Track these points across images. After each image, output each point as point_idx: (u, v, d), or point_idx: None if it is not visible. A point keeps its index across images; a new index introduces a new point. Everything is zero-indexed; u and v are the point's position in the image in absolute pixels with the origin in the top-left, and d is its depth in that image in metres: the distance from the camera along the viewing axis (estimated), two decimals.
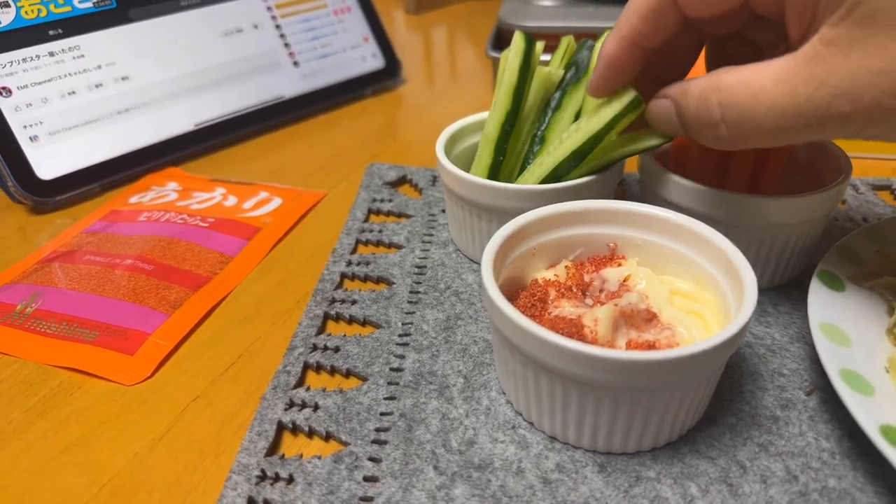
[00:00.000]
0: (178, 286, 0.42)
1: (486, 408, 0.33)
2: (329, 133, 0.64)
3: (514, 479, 0.29)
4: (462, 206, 0.42)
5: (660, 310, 0.32)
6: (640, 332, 0.31)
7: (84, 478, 0.30)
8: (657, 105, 0.35)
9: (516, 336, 0.28)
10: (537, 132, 0.45)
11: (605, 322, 0.30)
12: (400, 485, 0.29)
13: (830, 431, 0.31)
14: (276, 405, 0.33)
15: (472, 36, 0.91)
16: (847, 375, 0.29)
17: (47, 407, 0.34)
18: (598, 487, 0.29)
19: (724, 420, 0.32)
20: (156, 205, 0.51)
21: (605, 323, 0.30)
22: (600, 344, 0.30)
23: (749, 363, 0.35)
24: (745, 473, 0.29)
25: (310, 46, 0.67)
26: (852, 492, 0.28)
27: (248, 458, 0.30)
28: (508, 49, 0.44)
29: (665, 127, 0.35)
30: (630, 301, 0.31)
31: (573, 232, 0.36)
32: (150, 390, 0.35)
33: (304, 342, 0.37)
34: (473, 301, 0.40)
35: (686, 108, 0.32)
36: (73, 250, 0.45)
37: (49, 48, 0.54)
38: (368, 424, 0.32)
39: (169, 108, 0.58)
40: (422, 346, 0.36)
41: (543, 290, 0.33)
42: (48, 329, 0.38)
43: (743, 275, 0.30)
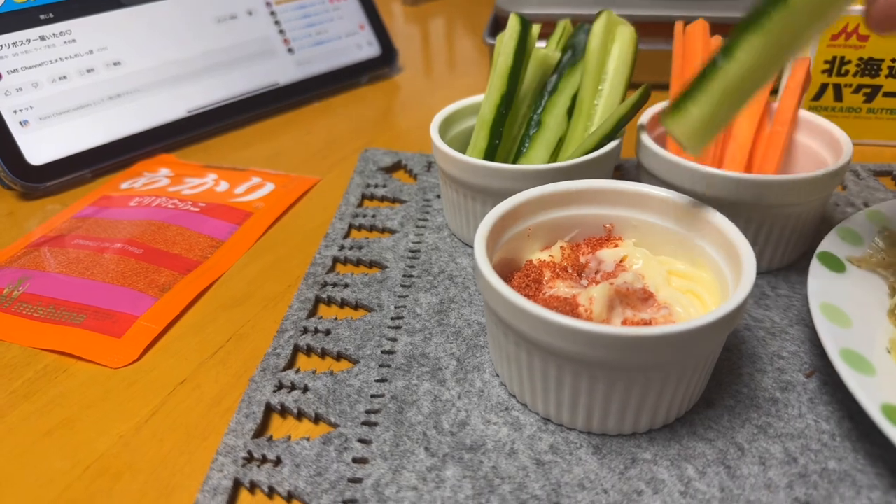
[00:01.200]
0: (168, 270, 0.41)
1: (479, 390, 0.32)
2: (324, 120, 0.63)
3: (506, 460, 0.28)
4: (457, 189, 0.41)
5: (657, 290, 0.31)
6: (637, 312, 0.30)
7: (68, 460, 0.30)
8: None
9: (509, 314, 0.28)
10: (534, 115, 0.44)
11: (600, 301, 0.30)
12: (390, 466, 0.28)
13: (830, 413, 0.30)
14: (265, 387, 0.32)
15: (469, 25, 0.90)
16: (848, 355, 0.29)
17: (31, 390, 0.33)
18: (593, 469, 0.28)
19: (722, 402, 0.31)
20: (147, 190, 0.50)
21: (601, 302, 0.30)
22: (595, 322, 0.29)
23: (748, 346, 0.34)
24: (744, 455, 0.28)
25: (305, 33, 0.67)
26: (853, 473, 0.28)
27: (235, 439, 0.30)
28: (504, 32, 0.44)
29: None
30: (626, 280, 0.30)
31: (569, 212, 0.35)
32: (137, 373, 0.34)
33: (295, 325, 0.36)
34: (468, 285, 0.39)
35: None
36: (63, 235, 0.45)
37: (40, 32, 0.53)
38: (359, 406, 0.31)
39: (161, 95, 0.58)
40: (414, 328, 0.36)
41: (538, 270, 0.33)
42: (34, 312, 0.38)
43: (741, 253, 0.29)
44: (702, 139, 0.30)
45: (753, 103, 0.41)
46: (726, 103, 0.29)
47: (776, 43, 0.27)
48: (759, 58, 0.27)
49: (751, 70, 0.28)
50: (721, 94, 0.28)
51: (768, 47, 0.27)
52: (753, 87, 0.28)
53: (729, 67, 0.28)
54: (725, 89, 0.28)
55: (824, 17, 0.27)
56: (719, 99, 0.28)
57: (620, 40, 0.42)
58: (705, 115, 0.29)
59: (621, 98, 0.42)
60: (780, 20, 0.27)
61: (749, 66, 0.28)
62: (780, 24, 0.27)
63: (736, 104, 0.29)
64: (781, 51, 0.27)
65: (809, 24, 0.27)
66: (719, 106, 0.29)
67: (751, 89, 0.28)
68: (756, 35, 0.27)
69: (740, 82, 0.28)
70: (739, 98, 0.29)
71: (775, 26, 0.27)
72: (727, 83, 0.28)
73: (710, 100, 0.29)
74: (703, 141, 0.30)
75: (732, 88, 0.28)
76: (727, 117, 0.29)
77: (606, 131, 0.39)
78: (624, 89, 0.42)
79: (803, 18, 0.27)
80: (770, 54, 0.27)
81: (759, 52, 0.27)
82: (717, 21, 0.55)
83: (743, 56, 0.28)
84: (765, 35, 0.27)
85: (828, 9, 0.26)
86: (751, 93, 0.29)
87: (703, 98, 0.29)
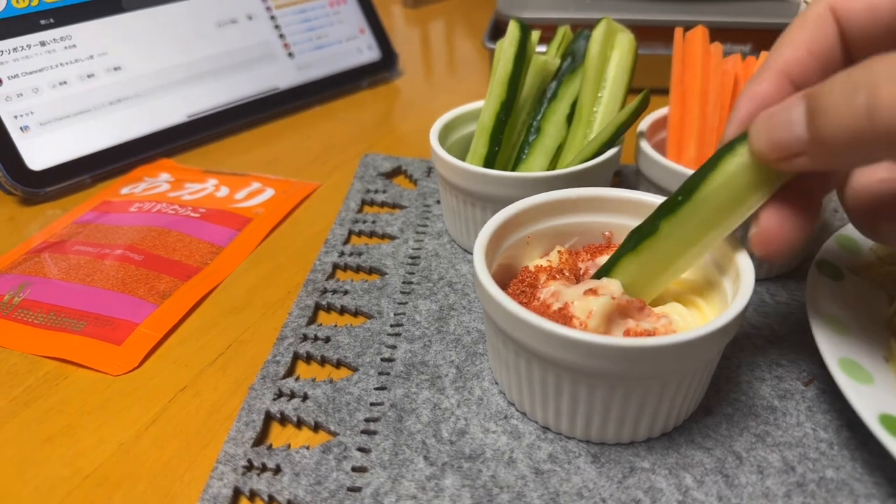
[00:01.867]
0: (168, 276, 0.41)
1: (479, 398, 0.32)
2: (324, 125, 0.63)
3: (505, 469, 0.28)
4: (456, 196, 0.41)
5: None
6: (637, 322, 0.30)
7: (68, 468, 0.30)
8: (771, 111, 0.26)
9: (508, 323, 0.28)
10: (533, 122, 0.44)
11: (598, 315, 0.29)
12: (389, 475, 0.28)
13: (829, 422, 0.30)
14: (265, 395, 0.32)
15: (469, 29, 0.90)
16: (846, 364, 0.29)
17: (32, 397, 0.34)
18: (591, 478, 0.28)
19: (720, 410, 0.31)
20: (147, 196, 0.50)
21: (598, 317, 0.29)
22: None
23: (747, 353, 0.34)
24: (742, 464, 0.28)
25: (305, 38, 0.67)
26: (850, 482, 0.28)
27: (235, 448, 0.30)
28: (504, 38, 0.44)
29: (778, 135, 0.25)
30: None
31: (568, 220, 0.35)
32: (137, 380, 0.34)
33: (295, 332, 0.36)
34: (467, 291, 0.39)
35: (827, 96, 0.23)
36: (63, 241, 0.45)
37: (40, 37, 0.53)
38: (358, 415, 0.31)
39: (162, 99, 0.58)
40: (414, 336, 0.36)
41: (534, 275, 0.33)
42: (35, 319, 0.38)
43: (740, 262, 0.30)
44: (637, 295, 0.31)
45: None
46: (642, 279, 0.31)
47: (649, 267, 0.30)
48: (636, 278, 0.31)
49: (629, 289, 0.31)
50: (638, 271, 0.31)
51: (642, 270, 0.30)
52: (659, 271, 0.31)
53: (646, 245, 0.30)
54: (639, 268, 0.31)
55: (697, 247, 0.29)
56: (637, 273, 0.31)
57: (620, 47, 0.42)
58: (626, 284, 0.31)
59: (621, 105, 0.42)
60: (652, 247, 0.30)
61: (627, 285, 0.30)
62: (652, 251, 0.30)
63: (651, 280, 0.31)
64: (655, 275, 0.30)
65: (682, 251, 0.29)
66: (636, 279, 0.31)
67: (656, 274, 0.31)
68: (631, 258, 0.30)
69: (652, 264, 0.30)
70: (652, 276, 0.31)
71: (648, 252, 0.30)
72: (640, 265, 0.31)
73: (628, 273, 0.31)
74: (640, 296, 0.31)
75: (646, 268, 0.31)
76: (645, 290, 0.31)
77: (606, 138, 0.39)
78: (623, 96, 0.42)
79: (674, 248, 0.29)
80: (644, 277, 0.31)
81: (635, 273, 0.30)
82: (716, 26, 0.55)
83: (622, 275, 0.31)
84: (638, 259, 0.30)
85: (698, 240, 0.29)
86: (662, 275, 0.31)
87: (621, 270, 0.31)
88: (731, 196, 0.27)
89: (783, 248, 0.27)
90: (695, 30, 0.42)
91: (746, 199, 0.27)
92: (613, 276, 0.31)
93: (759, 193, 0.27)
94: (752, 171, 0.27)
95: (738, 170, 0.27)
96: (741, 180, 0.27)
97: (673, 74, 0.42)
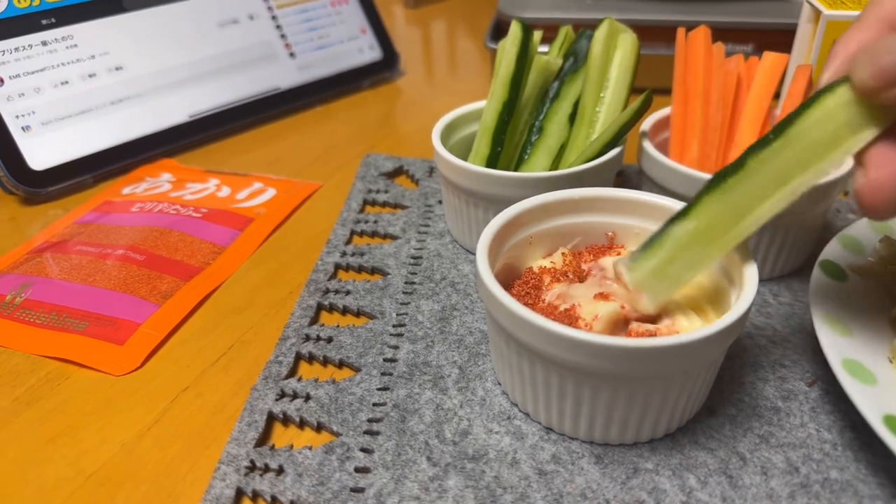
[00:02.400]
0: (170, 276, 0.41)
1: (482, 398, 0.32)
2: (325, 125, 0.63)
3: (508, 470, 0.28)
4: (459, 196, 0.41)
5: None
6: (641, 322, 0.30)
7: (70, 468, 0.30)
8: (875, 44, 0.24)
9: (511, 324, 0.28)
10: (535, 122, 0.44)
11: (603, 319, 0.29)
12: (392, 476, 0.28)
13: (832, 422, 0.30)
14: (267, 395, 0.32)
15: (471, 29, 0.90)
16: (849, 365, 0.29)
17: (34, 397, 0.34)
18: (595, 479, 0.28)
19: (724, 411, 0.31)
20: (149, 195, 0.50)
21: (603, 321, 0.29)
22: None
23: (750, 354, 0.34)
24: (746, 465, 0.28)
25: (306, 38, 0.67)
26: (854, 483, 0.28)
27: (238, 448, 0.30)
28: (506, 39, 0.44)
29: (884, 62, 0.23)
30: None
31: (571, 220, 0.35)
32: (139, 380, 0.34)
33: (297, 332, 0.36)
34: (470, 291, 0.39)
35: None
36: (65, 240, 0.45)
37: (42, 37, 0.53)
38: (361, 415, 0.31)
39: (163, 99, 0.58)
40: (416, 336, 0.36)
41: (538, 277, 0.33)
42: (37, 319, 0.38)
43: (743, 262, 0.29)
44: (655, 292, 0.29)
45: (755, 110, 0.41)
46: (681, 261, 0.28)
47: (733, 208, 0.27)
48: (716, 220, 0.28)
49: (707, 231, 0.28)
50: (675, 251, 0.28)
51: (725, 211, 0.27)
52: (711, 251, 0.28)
53: (686, 225, 0.28)
54: (682, 246, 0.28)
55: (786, 189, 0.26)
56: (673, 255, 0.28)
57: (622, 47, 0.42)
58: (657, 268, 0.29)
59: (623, 105, 0.42)
60: (737, 185, 0.27)
61: (706, 227, 0.28)
62: (737, 189, 0.27)
63: (693, 264, 0.28)
64: (739, 217, 0.27)
65: (768, 193, 0.27)
66: (672, 262, 0.28)
67: (708, 252, 0.28)
68: (714, 197, 0.27)
69: (696, 242, 0.28)
70: (697, 259, 0.28)
71: (732, 191, 0.27)
72: (683, 241, 0.28)
73: (665, 255, 0.28)
74: (657, 293, 0.29)
75: (688, 247, 0.28)
76: (682, 276, 0.29)
77: (608, 138, 0.39)
78: (626, 96, 0.42)
79: (761, 188, 0.27)
80: (727, 219, 0.27)
81: (715, 214, 0.27)
82: (719, 27, 0.55)
83: (701, 216, 0.28)
84: (722, 198, 0.27)
85: (788, 180, 0.26)
86: (708, 256, 0.28)
87: (658, 252, 0.29)
88: (828, 133, 0.25)
89: (894, 200, 0.24)
90: (697, 30, 0.42)
91: (846, 139, 0.24)
92: (693, 216, 0.28)
93: (862, 133, 0.24)
94: (855, 108, 0.24)
95: (838, 105, 0.24)
96: (841, 117, 0.24)
97: (675, 74, 0.42)
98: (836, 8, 0.49)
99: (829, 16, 0.49)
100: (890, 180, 0.24)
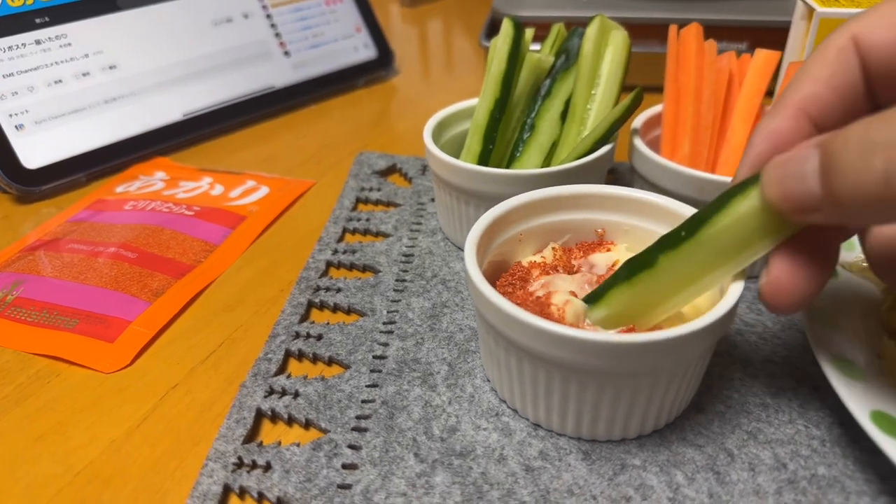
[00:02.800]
0: (161, 274, 0.41)
1: (470, 395, 0.32)
2: (320, 123, 0.63)
3: (495, 466, 0.28)
4: (450, 193, 0.41)
5: None
6: None
7: (59, 465, 0.30)
8: (785, 159, 0.24)
9: (497, 319, 0.28)
10: (527, 119, 0.44)
11: (570, 315, 0.29)
12: (379, 472, 0.28)
13: (821, 419, 0.30)
14: (256, 392, 0.32)
15: (466, 28, 0.90)
16: (838, 362, 0.29)
17: (23, 395, 0.34)
18: (582, 475, 0.28)
19: (712, 408, 0.31)
20: (142, 194, 0.50)
21: (571, 316, 0.29)
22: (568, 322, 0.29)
23: (740, 351, 0.34)
24: (733, 461, 0.28)
25: (301, 36, 0.67)
26: (842, 479, 0.28)
27: (225, 445, 0.30)
28: (497, 37, 0.44)
29: (790, 188, 0.23)
30: None
31: (560, 217, 0.35)
32: (128, 378, 0.34)
33: (287, 330, 0.36)
34: (460, 289, 0.39)
35: (841, 153, 0.22)
36: (57, 238, 0.45)
37: (35, 36, 0.53)
38: (349, 412, 0.31)
39: (157, 98, 0.58)
40: (406, 333, 0.36)
41: (526, 270, 0.33)
42: (28, 317, 0.38)
43: None
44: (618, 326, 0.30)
45: (747, 107, 0.41)
46: (619, 321, 0.29)
47: (643, 300, 0.28)
48: (627, 309, 0.29)
49: (620, 317, 0.29)
50: (606, 321, 0.29)
51: (634, 302, 0.28)
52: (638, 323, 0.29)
53: (598, 312, 0.29)
54: (605, 321, 0.29)
55: (695, 286, 0.28)
56: (607, 319, 0.29)
57: (614, 45, 0.42)
58: (605, 318, 0.29)
59: (614, 102, 0.42)
60: (647, 280, 0.28)
61: (617, 315, 0.29)
62: (646, 284, 0.28)
63: (648, 311, 0.29)
64: (649, 308, 0.29)
65: (677, 290, 0.28)
66: (613, 321, 0.29)
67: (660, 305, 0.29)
68: (623, 288, 0.28)
69: (613, 324, 0.29)
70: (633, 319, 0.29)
71: (642, 285, 0.28)
72: (603, 322, 0.29)
73: (604, 315, 0.29)
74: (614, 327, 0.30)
75: (611, 323, 0.29)
76: (637, 321, 0.29)
77: (599, 135, 0.39)
78: (617, 93, 0.42)
79: (670, 284, 0.28)
80: (636, 309, 0.29)
81: (626, 303, 0.29)
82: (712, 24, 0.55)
83: (613, 305, 0.29)
84: (631, 290, 0.28)
85: (696, 280, 0.27)
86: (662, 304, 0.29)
87: (598, 312, 0.30)
88: (737, 238, 0.26)
89: (795, 301, 0.25)
90: (689, 27, 0.42)
91: (754, 244, 0.26)
92: (603, 304, 0.29)
93: (769, 239, 0.25)
94: (763, 216, 0.25)
95: (747, 213, 0.25)
96: (750, 224, 0.25)
97: (667, 72, 0.42)
98: (829, 5, 0.49)
99: (822, 13, 0.49)
100: (789, 283, 0.25)
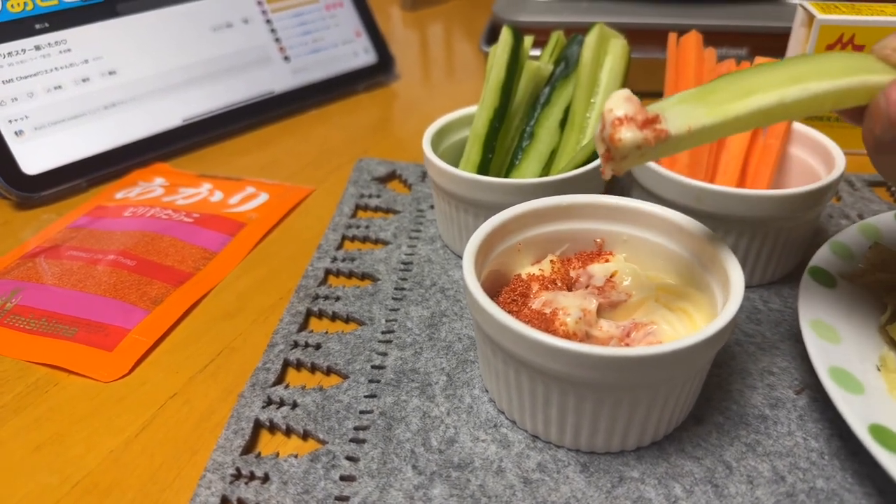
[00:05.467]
0: (160, 282, 0.41)
1: (469, 406, 0.32)
2: (319, 129, 0.63)
3: (493, 478, 0.28)
4: (449, 202, 0.41)
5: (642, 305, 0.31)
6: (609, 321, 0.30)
7: (56, 476, 0.30)
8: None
9: (496, 331, 0.28)
10: (526, 127, 0.44)
11: (572, 323, 0.29)
12: (377, 484, 0.28)
13: (820, 431, 0.30)
14: (254, 403, 0.32)
15: (467, 32, 0.90)
16: (836, 373, 0.29)
17: (22, 404, 0.34)
18: (580, 488, 0.28)
19: (711, 419, 0.31)
20: (141, 200, 0.50)
21: (573, 324, 0.29)
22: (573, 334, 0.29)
23: (738, 361, 0.34)
24: (732, 474, 0.28)
25: (301, 41, 0.67)
26: (840, 493, 0.27)
27: (223, 456, 0.30)
28: (496, 45, 0.44)
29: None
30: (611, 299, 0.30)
31: (559, 227, 0.35)
32: (127, 387, 0.34)
33: (285, 339, 0.36)
34: (459, 298, 0.39)
35: None
36: (57, 245, 0.45)
37: (35, 42, 0.53)
38: (347, 423, 0.31)
39: (157, 103, 0.58)
40: (405, 343, 0.36)
41: (526, 284, 0.33)
42: (27, 325, 0.38)
43: (730, 271, 0.29)
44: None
45: None
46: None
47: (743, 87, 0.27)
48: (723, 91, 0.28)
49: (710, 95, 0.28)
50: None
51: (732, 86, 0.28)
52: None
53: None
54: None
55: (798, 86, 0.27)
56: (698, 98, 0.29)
57: (613, 53, 0.42)
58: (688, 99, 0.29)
59: None
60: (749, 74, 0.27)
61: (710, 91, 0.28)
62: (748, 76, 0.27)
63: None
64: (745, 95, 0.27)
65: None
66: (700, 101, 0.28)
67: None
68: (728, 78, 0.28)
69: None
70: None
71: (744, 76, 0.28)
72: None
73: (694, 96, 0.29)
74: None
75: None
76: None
77: None
78: None
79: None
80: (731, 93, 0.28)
81: (722, 87, 0.28)
82: (712, 30, 0.55)
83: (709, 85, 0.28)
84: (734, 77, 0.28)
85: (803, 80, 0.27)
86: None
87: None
88: (852, 65, 0.27)
89: None
90: (688, 35, 0.42)
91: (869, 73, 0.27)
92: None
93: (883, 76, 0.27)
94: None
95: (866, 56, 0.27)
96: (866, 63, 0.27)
97: (667, 80, 0.42)
98: (829, 13, 0.49)
99: (822, 20, 0.49)
100: None
